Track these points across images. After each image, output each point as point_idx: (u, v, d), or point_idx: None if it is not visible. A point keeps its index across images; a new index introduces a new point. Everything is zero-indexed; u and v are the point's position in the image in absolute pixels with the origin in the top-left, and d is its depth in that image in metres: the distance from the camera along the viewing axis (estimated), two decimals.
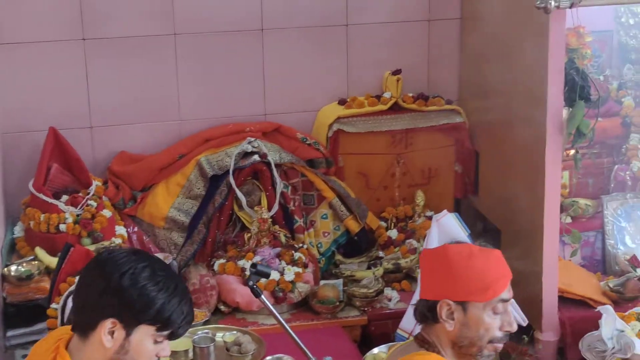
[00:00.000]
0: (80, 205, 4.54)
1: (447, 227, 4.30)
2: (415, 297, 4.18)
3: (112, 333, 2.51)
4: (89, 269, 2.59)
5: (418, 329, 4.13)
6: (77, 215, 4.51)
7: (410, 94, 5.19)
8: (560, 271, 4.42)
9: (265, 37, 5.04)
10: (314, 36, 5.09)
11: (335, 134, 5.04)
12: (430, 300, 2.66)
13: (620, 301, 4.49)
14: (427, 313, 2.68)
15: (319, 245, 4.96)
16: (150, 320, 2.51)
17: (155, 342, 2.54)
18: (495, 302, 2.62)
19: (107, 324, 2.50)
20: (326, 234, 4.98)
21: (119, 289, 2.48)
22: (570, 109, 4.16)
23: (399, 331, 4.22)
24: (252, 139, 4.89)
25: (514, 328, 2.68)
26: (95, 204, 4.58)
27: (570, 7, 3.88)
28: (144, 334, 2.52)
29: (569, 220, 4.79)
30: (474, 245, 2.68)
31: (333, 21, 5.10)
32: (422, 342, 2.72)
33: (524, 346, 4.38)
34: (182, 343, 3.80)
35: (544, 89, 4.14)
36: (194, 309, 4.37)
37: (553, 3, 3.86)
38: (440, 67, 5.28)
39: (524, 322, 4.26)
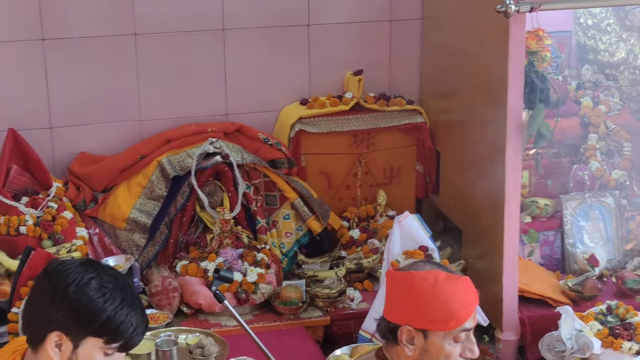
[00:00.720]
0: (41, 207, 4.51)
1: (409, 228, 4.34)
2: (378, 299, 4.23)
3: (59, 346, 2.48)
4: (38, 280, 2.57)
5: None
6: (38, 217, 4.48)
7: (372, 94, 5.20)
8: (520, 270, 4.46)
9: (227, 37, 5.02)
10: (275, 36, 5.09)
11: (297, 134, 5.04)
12: (392, 322, 2.64)
13: (579, 300, 4.54)
14: (388, 334, 2.66)
15: (282, 245, 4.96)
16: (97, 333, 2.47)
17: (106, 354, 2.51)
18: (457, 331, 2.60)
19: (53, 336, 2.47)
20: (289, 235, 4.99)
21: (64, 301, 2.45)
22: (530, 112, 4.20)
23: (361, 332, 4.25)
24: (214, 140, 4.88)
25: (476, 354, 2.67)
26: (55, 206, 4.55)
27: (530, 11, 3.92)
28: (92, 346, 2.49)
29: (528, 219, 4.84)
30: (441, 271, 2.62)
31: (295, 21, 5.10)
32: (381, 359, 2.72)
33: (485, 345, 4.43)
34: (145, 346, 3.79)
35: (505, 91, 4.17)
36: (157, 311, 4.41)
37: (513, 7, 3.89)
38: (402, 67, 5.31)
39: (485, 322, 4.31)
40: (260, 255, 4.72)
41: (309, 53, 5.16)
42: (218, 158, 4.82)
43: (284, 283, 4.71)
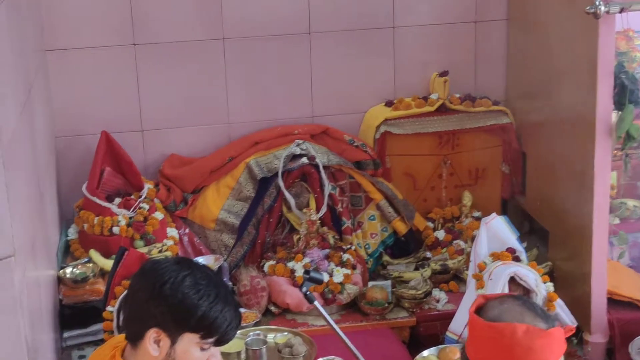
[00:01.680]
0: (133, 207, 4.62)
1: (496, 230, 4.33)
2: (465, 300, 4.24)
3: (157, 342, 2.57)
4: (135, 279, 2.66)
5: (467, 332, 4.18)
6: (130, 218, 4.59)
7: (457, 95, 5.20)
8: (609, 272, 4.42)
9: (313, 40, 5.08)
10: (360, 38, 5.12)
11: (382, 136, 5.07)
12: None
13: None
14: None
15: (367, 246, 5.00)
16: (194, 328, 2.55)
17: (202, 349, 2.59)
18: None
19: (152, 333, 2.56)
20: (374, 235, 5.02)
21: (160, 298, 2.54)
22: (620, 112, 4.16)
23: (448, 333, 4.25)
24: (301, 142, 4.94)
25: None
26: (147, 207, 4.66)
27: (620, 12, 3.88)
28: (189, 342, 2.57)
29: (617, 221, 4.79)
30: (520, 325, 2.51)
31: (379, 23, 5.12)
32: None
33: (573, 347, 4.40)
34: (235, 345, 3.85)
35: (594, 91, 4.14)
36: (246, 310, 4.49)
37: (603, 8, 3.86)
38: (487, 68, 5.29)
39: (573, 324, 4.28)
40: (346, 256, 4.76)
41: (394, 55, 5.18)
42: (304, 160, 4.87)
43: (370, 284, 4.75)
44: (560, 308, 4.23)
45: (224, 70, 5.01)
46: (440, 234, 5.07)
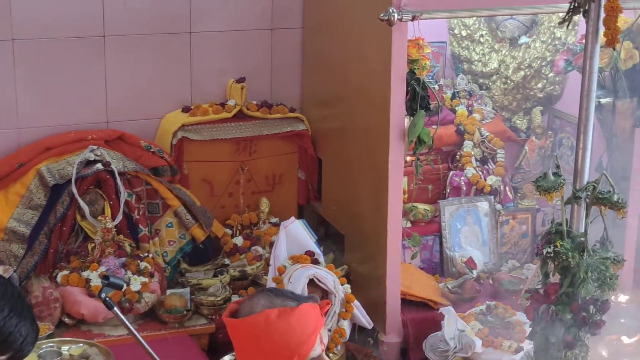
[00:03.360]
0: None
1: (294, 234, 4.38)
2: None
3: None
4: None
5: None
6: None
7: (254, 102, 5.23)
8: (402, 274, 4.56)
9: (107, 43, 4.96)
10: (157, 43, 5.05)
11: (179, 142, 5.01)
12: None
13: (459, 302, 4.67)
14: None
15: (165, 254, 4.92)
16: None
17: None
18: None
19: None
20: (172, 243, 4.95)
21: None
22: (412, 118, 4.30)
23: None
24: (95, 147, 4.80)
25: None
26: None
27: (412, 19, 4.03)
28: None
29: (408, 224, 4.94)
30: (272, 310, 2.51)
31: (176, 28, 5.07)
32: None
33: (369, 348, 4.50)
34: (27, 358, 3.69)
35: (387, 98, 4.26)
36: (38, 323, 4.29)
37: (396, 15, 3.99)
38: (284, 75, 5.35)
39: (369, 325, 4.38)
40: (143, 264, 4.66)
41: (191, 60, 5.15)
42: (99, 166, 4.74)
43: (168, 291, 4.67)
44: (357, 309, 4.32)
45: (13, 73, 4.80)
46: (239, 241, 5.06)
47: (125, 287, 4.48)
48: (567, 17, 2.97)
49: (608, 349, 4.20)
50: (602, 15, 2.92)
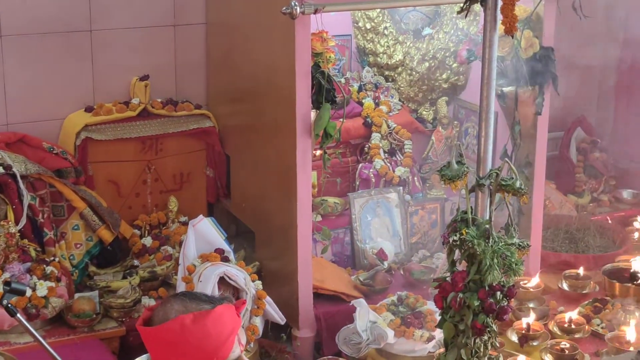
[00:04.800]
0: None
1: (203, 232, 4.32)
2: None
3: None
4: None
5: None
6: None
7: (159, 100, 5.16)
8: (314, 268, 4.55)
9: (4, 43, 4.83)
10: (56, 42, 4.94)
11: (83, 142, 4.92)
12: None
13: (371, 293, 4.68)
14: None
15: (72, 257, 4.81)
16: None
17: None
18: None
19: None
20: (78, 246, 4.85)
21: None
22: (318, 112, 4.29)
23: None
24: None
25: None
26: None
27: (315, 12, 4.01)
28: None
29: (319, 218, 4.94)
30: (186, 316, 2.51)
31: (76, 26, 4.97)
32: None
33: (283, 344, 4.48)
34: None
35: (293, 92, 4.24)
36: None
37: (298, 9, 3.97)
38: (188, 72, 5.30)
39: (282, 321, 4.36)
40: (49, 269, 4.55)
41: (93, 59, 5.05)
42: (0, 169, 4.61)
43: (76, 295, 4.58)
44: (269, 305, 4.30)
45: None
46: (148, 241, 4.99)
47: (30, 292, 4.38)
48: (465, 6, 2.98)
49: (517, 333, 4.26)
50: (500, 3, 2.94)
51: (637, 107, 6.19)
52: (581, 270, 4.82)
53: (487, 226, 3.13)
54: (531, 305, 4.59)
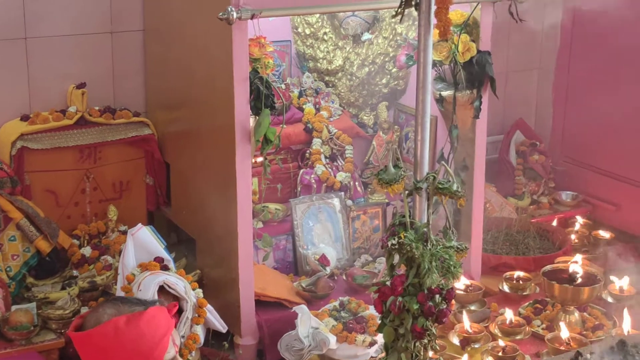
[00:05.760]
0: None
1: (142, 241, 4.27)
2: None
3: None
4: None
5: None
6: None
7: (97, 108, 5.10)
8: (256, 275, 4.53)
9: None
10: None
11: (19, 152, 4.83)
12: None
13: (313, 299, 4.67)
14: None
15: (8, 269, 4.72)
16: None
17: None
18: None
19: None
20: (15, 257, 4.76)
21: None
22: (257, 117, 4.27)
23: None
24: None
25: None
26: None
27: (252, 18, 4.00)
28: None
29: (260, 225, 4.92)
30: (119, 318, 2.50)
31: (10, 34, 4.88)
32: None
33: (225, 352, 4.44)
34: None
35: (231, 98, 4.22)
36: None
37: (235, 14, 3.95)
38: (126, 79, 5.24)
39: (224, 329, 4.33)
40: None
41: (28, 67, 4.97)
42: None
43: (13, 308, 4.49)
44: (210, 313, 4.26)
45: None
46: (87, 251, 4.92)
47: None
48: (399, 10, 2.99)
49: (458, 336, 4.28)
50: (434, 7, 2.95)
51: (575, 109, 6.28)
52: (521, 273, 4.87)
53: (425, 229, 3.14)
54: (472, 307, 4.62)
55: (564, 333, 4.21)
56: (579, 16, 6.05)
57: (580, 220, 5.76)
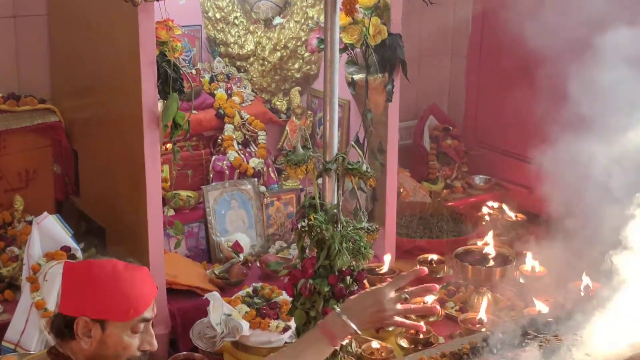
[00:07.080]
0: None
1: (48, 230, 4.18)
2: (20, 306, 4.02)
3: None
4: None
5: (25, 339, 3.98)
6: None
7: (0, 95, 4.94)
8: (167, 264, 4.45)
9: None
10: None
11: None
12: (68, 316, 2.57)
13: (226, 287, 4.61)
14: (64, 329, 2.59)
15: None
16: None
17: None
18: (136, 321, 2.60)
19: None
20: None
21: None
22: (165, 102, 4.18)
23: (4, 343, 4.01)
24: None
25: (154, 346, 2.68)
26: None
27: (158, 0, 3.91)
28: None
29: (172, 212, 4.82)
30: (119, 261, 2.63)
31: None
32: (56, 356, 2.61)
33: None
34: None
35: (138, 83, 4.12)
36: None
37: None
38: (30, 65, 5.09)
39: None
40: None
41: None
42: None
43: None
44: None
45: None
46: None
47: None
48: None
49: None
50: None
51: (487, 94, 6.33)
52: (435, 256, 4.88)
53: (335, 211, 3.11)
54: None
55: (477, 314, 4.23)
56: (491, 1, 6.09)
57: (492, 203, 5.81)
